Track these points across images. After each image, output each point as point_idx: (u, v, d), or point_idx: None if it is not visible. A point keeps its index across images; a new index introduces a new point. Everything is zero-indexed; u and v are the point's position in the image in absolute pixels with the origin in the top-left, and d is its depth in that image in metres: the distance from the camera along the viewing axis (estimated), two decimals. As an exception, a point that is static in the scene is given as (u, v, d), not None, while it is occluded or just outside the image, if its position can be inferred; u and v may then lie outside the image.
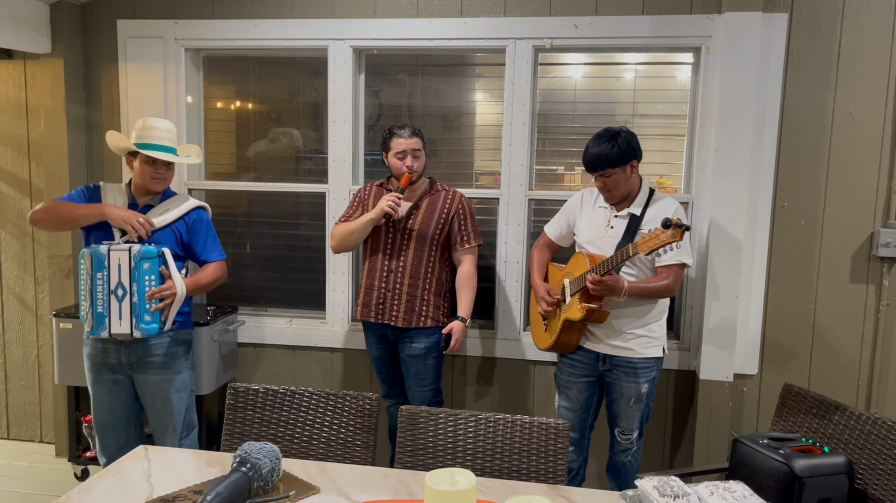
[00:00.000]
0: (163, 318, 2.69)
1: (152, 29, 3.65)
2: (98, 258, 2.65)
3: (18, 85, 3.85)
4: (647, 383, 2.82)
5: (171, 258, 2.71)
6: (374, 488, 1.93)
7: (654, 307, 2.80)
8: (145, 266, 2.62)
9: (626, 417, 2.87)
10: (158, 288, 2.66)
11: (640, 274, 2.76)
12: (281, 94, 3.85)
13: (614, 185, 2.73)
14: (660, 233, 2.42)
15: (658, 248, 2.42)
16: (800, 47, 3.19)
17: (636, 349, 2.79)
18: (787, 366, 3.35)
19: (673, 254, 2.64)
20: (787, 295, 3.31)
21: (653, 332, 2.81)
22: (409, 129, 3.08)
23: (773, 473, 2.22)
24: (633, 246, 2.52)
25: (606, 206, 2.84)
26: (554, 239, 3.05)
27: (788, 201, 3.27)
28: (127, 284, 2.62)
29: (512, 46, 3.40)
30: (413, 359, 3.14)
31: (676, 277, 2.72)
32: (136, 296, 2.63)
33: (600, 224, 2.83)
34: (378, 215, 3.03)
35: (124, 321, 2.65)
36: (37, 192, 3.90)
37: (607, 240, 2.78)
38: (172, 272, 2.70)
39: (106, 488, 1.88)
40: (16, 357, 4.08)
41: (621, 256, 2.57)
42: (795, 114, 3.22)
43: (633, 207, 2.78)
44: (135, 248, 2.62)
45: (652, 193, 2.81)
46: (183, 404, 2.86)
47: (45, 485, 3.65)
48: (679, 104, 3.46)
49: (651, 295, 2.72)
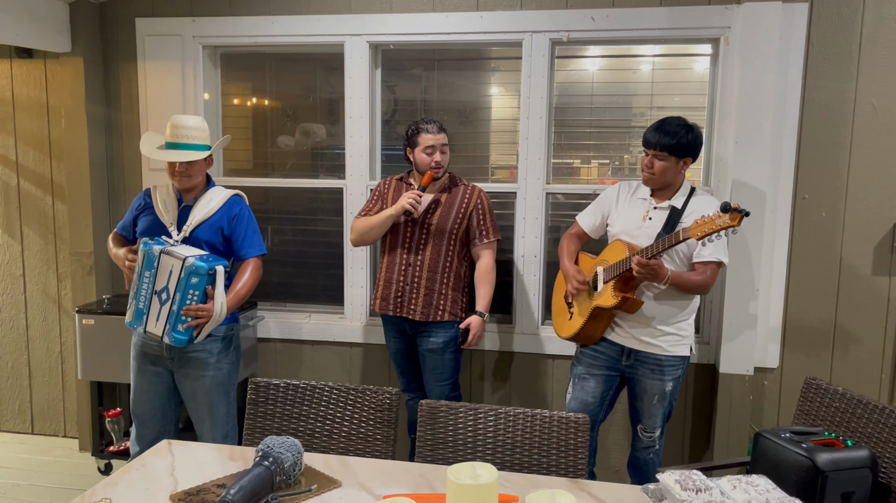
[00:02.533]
0: (195, 334, 2.69)
1: (170, 27, 3.68)
2: (149, 258, 2.67)
3: (39, 84, 3.89)
4: (673, 381, 2.78)
5: (221, 278, 2.66)
6: (395, 482, 1.94)
7: (687, 304, 2.74)
8: (193, 280, 2.60)
9: (649, 415, 2.84)
10: (196, 307, 2.63)
11: (677, 269, 2.70)
12: (297, 90, 3.87)
13: (661, 171, 2.68)
14: (716, 217, 2.34)
15: (712, 234, 2.36)
16: (820, 37, 3.15)
17: (664, 346, 2.74)
18: (808, 359, 3.32)
19: (712, 251, 2.60)
20: (808, 288, 3.28)
21: (682, 331, 2.76)
22: (435, 125, 3.08)
23: (796, 467, 2.21)
24: (684, 230, 2.46)
25: (645, 197, 2.80)
26: (587, 229, 2.98)
27: (809, 193, 3.23)
28: (172, 291, 2.63)
29: (528, 40, 3.39)
30: (431, 354, 3.15)
31: (713, 275, 2.66)
32: (176, 305, 2.63)
33: (638, 215, 2.78)
34: (398, 212, 3.04)
35: (159, 324, 2.67)
36: (59, 190, 3.95)
37: (644, 230, 2.72)
38: (217, 293, 2.67)
39: (131, 481, 1.90)
40: (39, 353, 4.13)
41: (671, 240, 2.50)
42: (816, 105, 3.18)
43: (675, 200, 2.73)
44: (189, 261, 2.59)
45: (693, 190, 2.77)
46: (221, 400, 2.85)
47: (69, 479, 3.70)
48: (697, 96, 3.44)
49: (688, 287, 2.66)
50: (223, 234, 2.81)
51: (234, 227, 2.82)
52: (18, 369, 4.16)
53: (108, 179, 3.88)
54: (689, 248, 2.68)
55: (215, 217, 2.80)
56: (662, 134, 2.65)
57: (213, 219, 2.80)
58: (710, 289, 2.70)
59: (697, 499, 1.69)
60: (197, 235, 2.77)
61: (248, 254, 2.84)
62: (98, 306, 3.64)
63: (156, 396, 2.86)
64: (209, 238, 2.78)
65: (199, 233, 2.78)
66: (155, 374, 2.84)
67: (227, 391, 2.88)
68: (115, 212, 3.90)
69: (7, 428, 4.22)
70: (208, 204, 2.81)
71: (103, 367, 3.57)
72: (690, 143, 2.66)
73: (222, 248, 2.82)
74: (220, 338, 2.82)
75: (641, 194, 2.82)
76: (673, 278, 2.59)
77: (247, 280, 2.80)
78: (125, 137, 3.83)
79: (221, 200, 2.83)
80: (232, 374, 2.90)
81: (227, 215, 2.82)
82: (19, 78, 3.91)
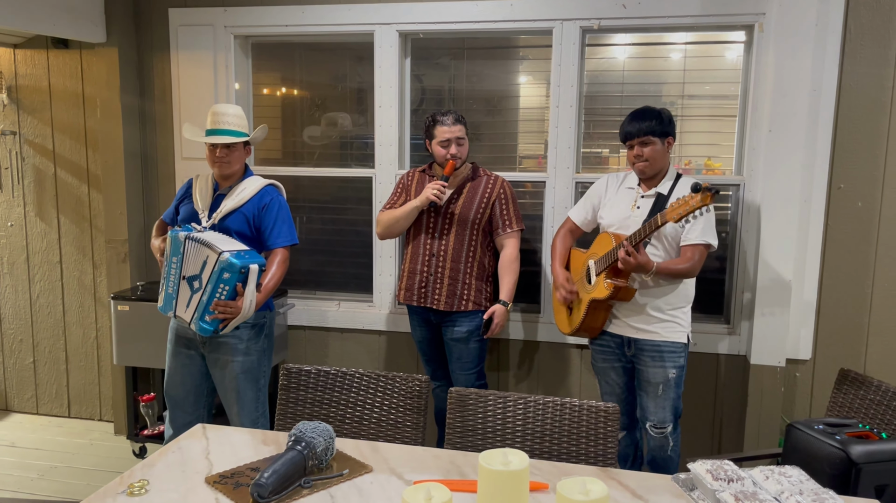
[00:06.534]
0: (221, 327, 2.72)
1: (202, 17, 3.71)
2: (175, 244, 2.71)
3: (75, 74, 3.96)
4: (675, 369, 2.80)
5: (253, 277, 2.67)
6: (426, 468, 1.96)
7: (679, 290, 2.79)
8: (224, 276, 2.62)
9: (657, 408, 2.83)
10: (224, 303, 2.65)
11: (666, 255, 2.77)
12: (326, 79, 3.89)
13: (652, 156, 2.75)
14: (689, 198, 2.42)
15: (688, 215, 2.44)
16: (858, 23, 3.08)
17: (661, 332, 2.79)
18: (841, 350, 3.27)
19: (698, 235, 2.67)
20: (842, 278, 3.23)
21: (678, 318, 2.81)
22: (452, 116, 3.07)
23: (829, 459, 2.19)
24: (661, 215, 2.53)
25: (633, 187, 2.86)
26: (579, 223, 3.05)
27: (845, 183, 3.18)
28: (204, 282, 2.66)
29: (559, 28, 3.36)
30: (456, 343, 3.17)
31: (701, 257, 2.72)
32: (207, 296, 2.66)
33: (627, 205, 2.84)
34: (423, 203, 3.06)
35: (188, 310, 2.71)
36: (94, 179, 4.02)
37: (633, 219, 2.79)
38: (247, 292, 2.68)
39: (168, 464, 1.95)
40: (76, 338, 4.23)
41: (651, 227, 2.58)
42: (853, 92, 3.12)
43: (661, 186, 2.80)
44: (224, 256, 2.60)
45: (679, 176, 2.83)
46: (250, 386, 2.88)
47: (105, 461, 3.79)
48: (729, 84, 3.39)
49: (676, 275, 2.72)
50: (252, 224, 2.84)
51: (262, 216, 2.85)
52: (56, 354, 4.26)
53: (142, 168, 3.94)
54: (676, 232, 2.74)
55: (246, 206, 2.83)
56: (641, 120, 2.75)
57: (244, 208, 2.83)
58: (698, 271, 2.74)
59: (729, 489, 1.69)
60: (227, 224, 2.81)
61: (276, 244, 2.86)
62: (132, 293, 3.71)
63: (188, 378, 2.91)
64: (238, 227, 2.82)
65: (229, 222, 2.81)
66: (188, 358, 2.89)
67: (255, 378, 2.91)
68: (148, 200, 3.97)
69: (45, 411, 4.33)
70: (241, 193, 2.84)
71: (137, 353, 3.64)
72: (667, 120, 2.77)
73: (252, 236, 2.85)
74: (251, 326, 2.86)
75: (629, 184, 2.89)
76: (659, 268, 2.66)
77: (273, 273, 2.83)
78: (158, 127, 3.89)
79: (254, 190, 2.86)
80: (262, 361, 2.93)
81: (258, 205, 2.85)
82: (56, 68, 3.98)
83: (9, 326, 4.30)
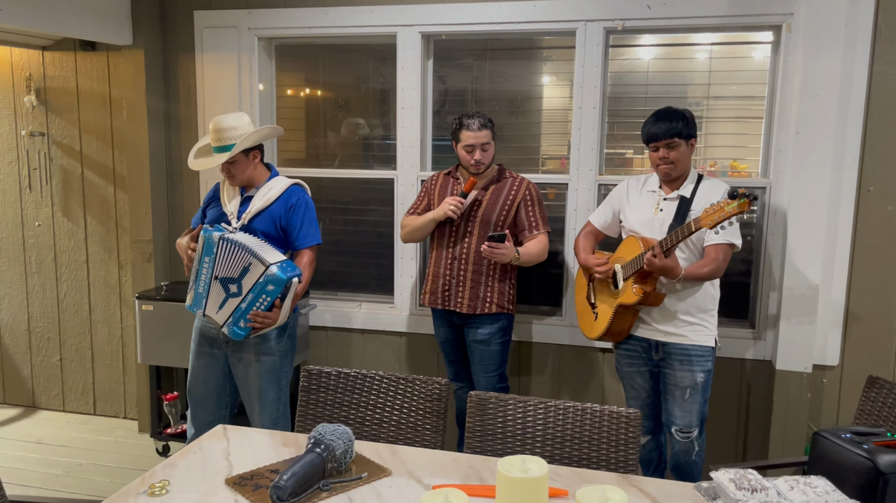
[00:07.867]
0: (252, 333, 2.74)
1: (227, 19, 3.74)
2: (209, 244, 2.72)
3: (102, 76, 4.01)
4: (703, 373, 2.76)
5: (292, 290, 2.69)
6: (445, 472, 1.95)
7: (706, 292, 2.75)
8: (269, 288, 2.63)
9: (683, 412, 2.79)
10: (263, 314, 2.67)
11: (691, 256, 2.74)
12: (349, 80, 3.90)
13: (678, 159, 2.72)
14: (725, 204, 2.38)
15: (724, 221, 2.40)
16: (888, 23, 3.02)
17: (689, 336, 2.75)
18: (870, 357, 3.21)
19: (724, 235, 2.62)
20: (871, 283, 3.16)
21: (705, 322, 2.77)
22: (478, 121, 3.05)
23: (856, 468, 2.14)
24: (695, 221, 2.49)
25: (655, 189, 2.83)
26: (599, 227, 3.03)
27: (874, 186, 3.11)
28: (245, 290, 2.66)
29: (582, 29, 3.34)
30: (478, 345, 3.16)
31: (725, 257, 2.69)
32: (246, 303, 2.67)
33: (649, 208, 2.81)
34: (440, 217, 3.07)
35: (221, 313, 2.72)
36: (120, 180, 4.07)
37: (657, 222, 2.76)
38: (284, 305, 2.70)
39: (189, 464, 1.96)
40: (101, 337, 4.28)
41: (683, 232, 2.53)
42: (883, 93, 3.06)
43: (683, 189, 2.77)
44: (272, 270, 2.61)
45: (701, 177, 2.80)
46: (271, 386, 2.88)
47: (128, 459, 3.84)
48: (756, 85, 3.34)
49: (703, 278, 2.69)
50: (280, 225, 2.85)
51: (290, 217, 2.86)
52: (82, 352, 4.32)
53: (167, 169, 3.98)
54: (700, 233, 2.68)
55: (273, 207, 2.84)
56: (666, 122, 2.71)
57: (271, 209, 2.84)
58: (723, 272, 2.71)
59: (753, 499, 1.66)
60: (254, 226, 2.82)
61: (303, 244, 2.87)
62: (157, 293, 3.75)
63: (211, 378, 2.93)
64: (265, 228, 2.83)
65: (256, 223, 2.82)
66: (211, 357, 2.91)
67: (277, 378, 2.92)
68: (172, 201, 4.01)
69: (71, 408, 4.40)
70: (266, 194, 2.85)
71: (161, 352, 3.68)
72: (691, 121, 2.74)
73: (278, 237, 2.86)
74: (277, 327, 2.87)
75: (650, 187, 2.86)
76: (687, 273, 2.64)
77: (303, 277, 2.84)
78: (183, 129, 3.93)
79: (280, 190, 2.87)
80: (284, 362, 2.94)
81: (285, 206, 2.86)
82: (83, 70, 4.04)
83: (36, 324, 4.37)
